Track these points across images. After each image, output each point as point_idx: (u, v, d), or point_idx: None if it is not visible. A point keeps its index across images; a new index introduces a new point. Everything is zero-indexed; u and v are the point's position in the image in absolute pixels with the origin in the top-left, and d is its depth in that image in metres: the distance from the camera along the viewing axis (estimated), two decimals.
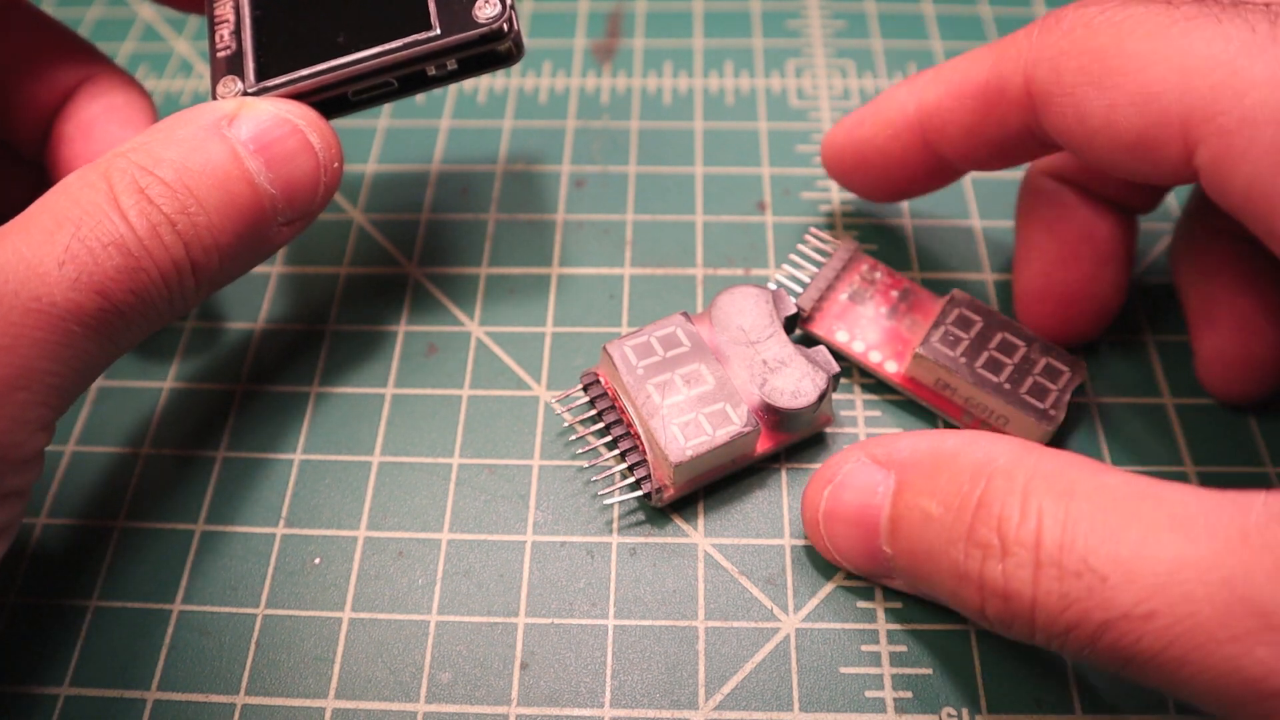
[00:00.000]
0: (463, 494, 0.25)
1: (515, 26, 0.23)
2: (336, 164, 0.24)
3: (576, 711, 0.22)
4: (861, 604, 0.23)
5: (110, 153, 0.21)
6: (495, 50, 0.24)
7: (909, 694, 0.22)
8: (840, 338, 0.27)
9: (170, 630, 0.23)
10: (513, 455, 0.26)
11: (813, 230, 0.28)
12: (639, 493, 0.24)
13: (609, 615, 0.23)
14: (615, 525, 0.25)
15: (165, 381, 0.28)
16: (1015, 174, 0.31)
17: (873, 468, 0.22)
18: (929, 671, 0.22)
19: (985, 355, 0.25)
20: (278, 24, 0.24)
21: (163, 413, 0.27)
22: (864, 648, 0.23)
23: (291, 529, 0.25)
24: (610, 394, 0.25)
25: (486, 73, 0.25)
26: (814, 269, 0.27)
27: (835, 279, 0.27)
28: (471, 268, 0.30)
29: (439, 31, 0.23)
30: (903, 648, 0.23)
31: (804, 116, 0.34)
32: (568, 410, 0.26)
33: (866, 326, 0.27)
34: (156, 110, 0.27)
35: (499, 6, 0.23)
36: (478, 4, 0.23)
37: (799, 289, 0.27)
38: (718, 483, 0.25)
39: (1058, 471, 0.19)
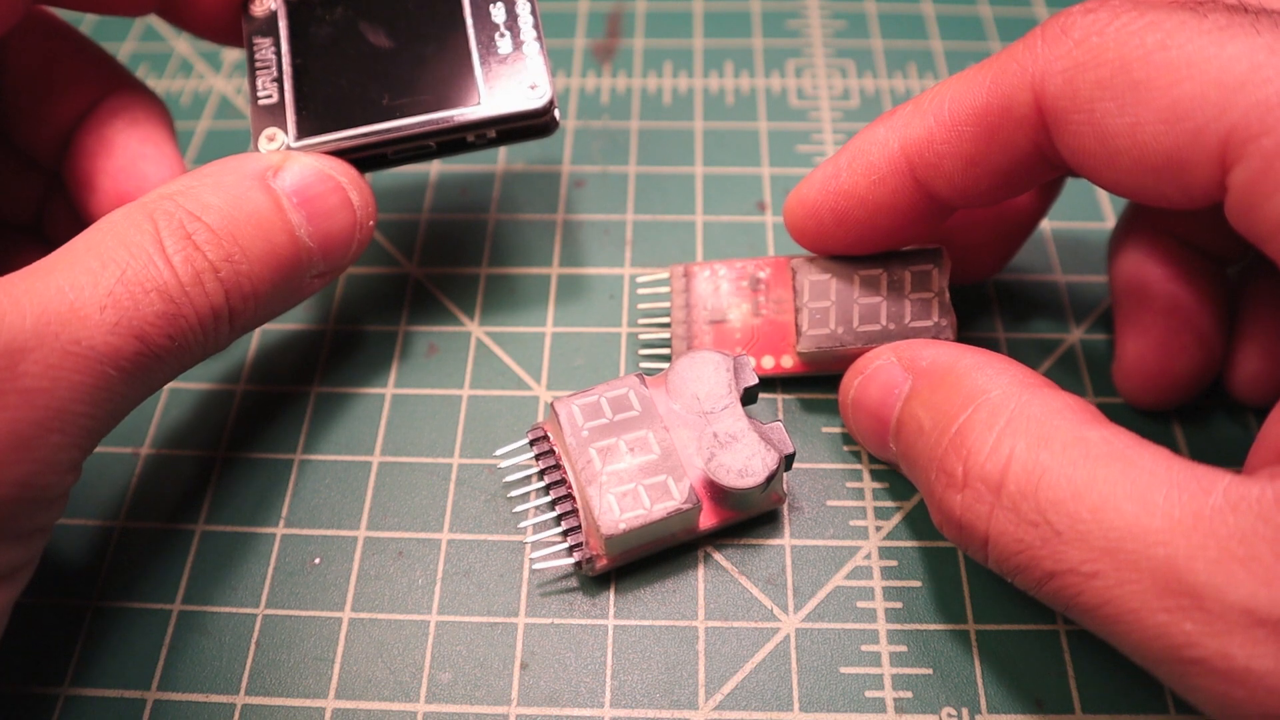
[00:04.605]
0: (463, 494, 0.25)
1: (555, 103, 0.25)
2: (371, 223, 0.24)
3: (576, 711, 0.22)
4: (861, 604, 0.23)
5: (155, 193, 0.21)
6: (536, 124, 0.25)
7: (909, 694, 0.22)
8: None
9: (170, 630, 0.23)
10: (513, 455, 0.26)
11: (638, 281, 0.28)
12: (570, 560, 0.23)
13: (609, 615, 0.23)
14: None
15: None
16: None
17: (897, 369, 0.23)
18: (929, 671, 0.22)
19: (857, 309, 0.25)
20: (320, 76, 0.25)
21: (162, 413, 0.27)
22: (864, 648, 0.23)
23: (291, 529, 0.25)
24: (556, 453, 0.24)
25: (523, 141, 0.26)
26: (665, 313, 0.27)
27: (687, 311, 0.26)
28: (471, 268, 0.30)
29: (485, 106, 0.24)
30: (903, 648, 0.23)
31: (804, 116, 0.34)
32: (511, 464, 0.25)
33: (744, 337, 0.26)
34: (174, 123, 0.27)
35: (545, 86, 0.24)
36: (524, 82, 0.24)
37: (665, 344, 0.27)
38: None
39: (1042, 417, 0.19)
